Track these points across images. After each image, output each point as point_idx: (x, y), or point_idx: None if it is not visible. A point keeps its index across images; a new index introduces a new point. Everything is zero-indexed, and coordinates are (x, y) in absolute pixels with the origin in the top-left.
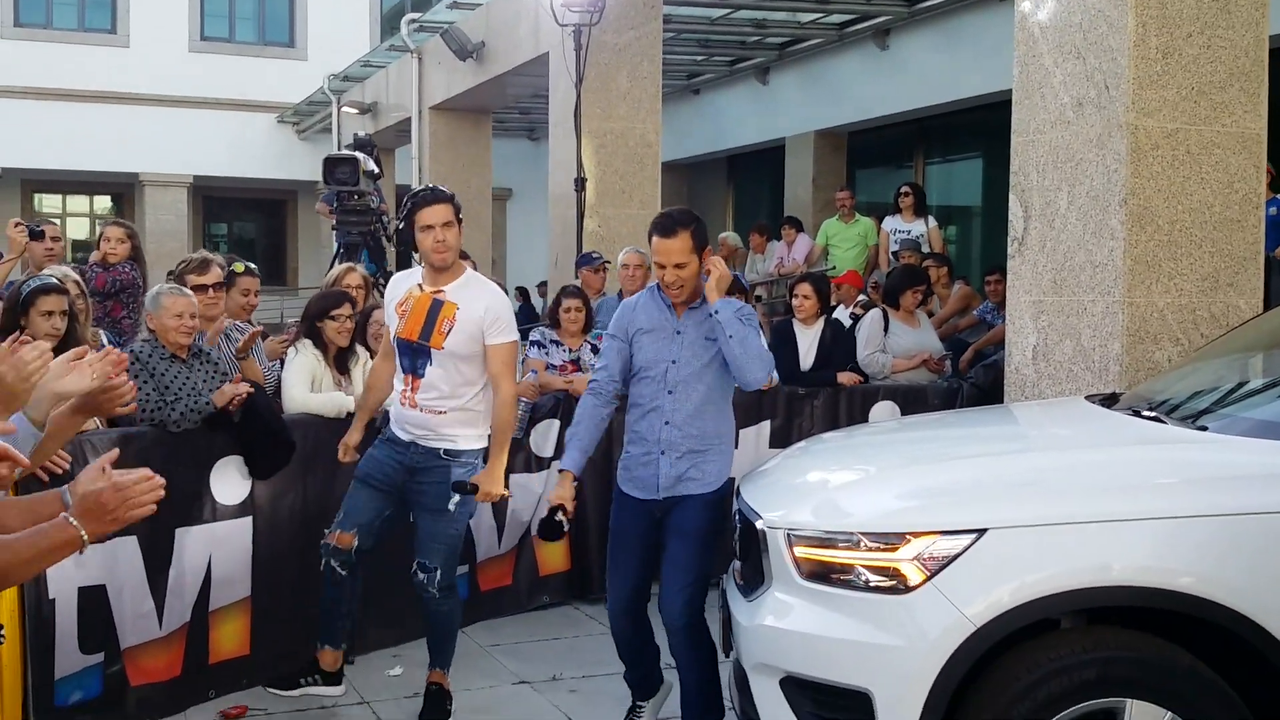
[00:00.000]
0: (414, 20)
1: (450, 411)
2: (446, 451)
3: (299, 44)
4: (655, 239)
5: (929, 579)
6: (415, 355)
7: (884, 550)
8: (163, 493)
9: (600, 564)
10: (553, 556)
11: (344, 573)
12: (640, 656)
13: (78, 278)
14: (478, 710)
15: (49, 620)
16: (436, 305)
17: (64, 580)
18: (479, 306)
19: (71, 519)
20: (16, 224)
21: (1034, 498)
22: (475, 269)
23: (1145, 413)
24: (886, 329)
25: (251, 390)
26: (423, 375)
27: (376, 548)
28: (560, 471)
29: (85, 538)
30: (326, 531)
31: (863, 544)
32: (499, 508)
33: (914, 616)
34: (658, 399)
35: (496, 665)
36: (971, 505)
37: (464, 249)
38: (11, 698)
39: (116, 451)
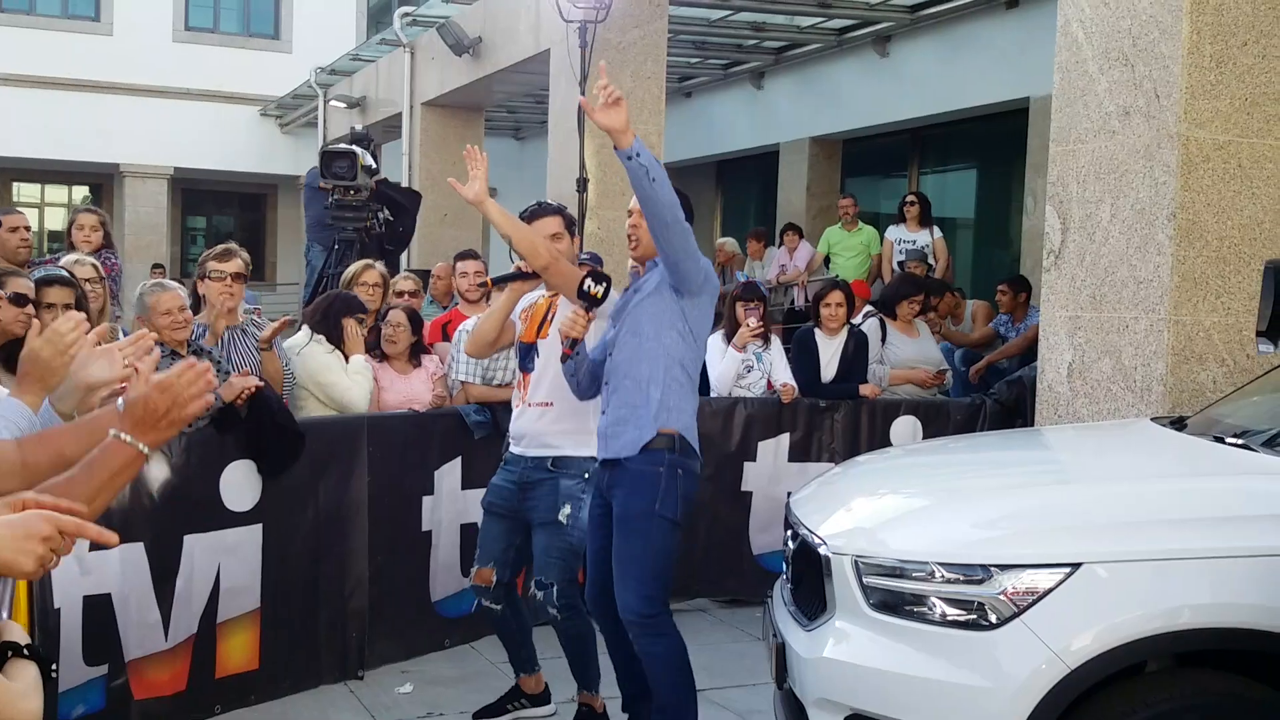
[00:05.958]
0: (407, 14)
1: (556, 405)
2: (554, 461)
3: (284, 36)
4: None
5: (1017, 615)
6: (527, 353)
7: (964, 583)
8: (213, 379)
9: None
10: None
11: (497, 608)
12: (622, 661)
13: (97, 263)
14: None
15: (54, 631)
16: (550, 308)
17: (70, 589)
18: None
19: (123, 435)
20: None
21: (1134, 530)
22: None
23: (1230, 440)
24: (884, 339)
25: (261, 384)
26: (532, 370)
27: (512, 579)
28: None
29: (145, 450)
30: (471, 571)
31: (938, 575)
32: None
33: (1000, 655)
34: None
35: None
36: (1064, 537)
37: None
38: None
39: (157, 354)
